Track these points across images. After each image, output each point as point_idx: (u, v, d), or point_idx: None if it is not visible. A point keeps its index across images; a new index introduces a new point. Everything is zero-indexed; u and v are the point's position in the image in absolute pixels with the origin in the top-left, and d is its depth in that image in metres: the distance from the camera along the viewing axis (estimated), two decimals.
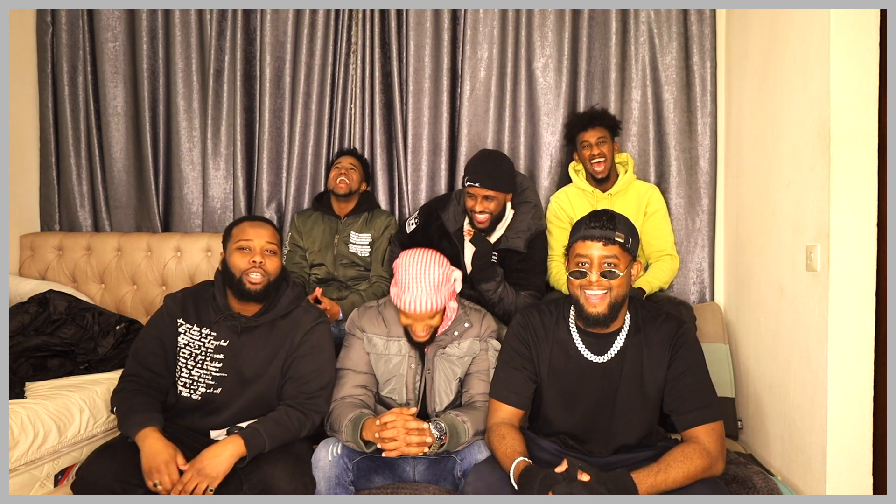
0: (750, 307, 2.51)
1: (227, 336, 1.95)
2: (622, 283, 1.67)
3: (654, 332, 1.75)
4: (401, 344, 2.02)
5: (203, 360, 1.94)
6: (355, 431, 1.81)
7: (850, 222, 1.86)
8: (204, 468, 1.72)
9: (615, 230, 1.65)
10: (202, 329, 1.95)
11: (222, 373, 1.93)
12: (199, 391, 1.93)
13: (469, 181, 2.34)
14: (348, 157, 2.84)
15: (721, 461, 1.62)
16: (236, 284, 1.90)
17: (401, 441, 1.74)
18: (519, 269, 2.45)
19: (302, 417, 1.88)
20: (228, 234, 1.97)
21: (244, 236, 1.92)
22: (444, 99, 2.99)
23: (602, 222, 1.67)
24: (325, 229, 2.80)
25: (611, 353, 1.75)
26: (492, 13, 2.94)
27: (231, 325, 1.95)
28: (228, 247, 1.94)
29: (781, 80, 2.21)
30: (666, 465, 1.55)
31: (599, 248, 1.65)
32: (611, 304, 1.67)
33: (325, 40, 3.04)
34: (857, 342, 1.87)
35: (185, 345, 1.95)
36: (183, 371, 1.95)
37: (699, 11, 2.82)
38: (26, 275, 3.04)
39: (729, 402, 2.52)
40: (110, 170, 3.19)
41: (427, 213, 2.58)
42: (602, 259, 1.65)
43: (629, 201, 2.66)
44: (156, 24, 3.13)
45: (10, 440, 1.88)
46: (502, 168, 2.40)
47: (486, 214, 2.36)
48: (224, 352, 1.94)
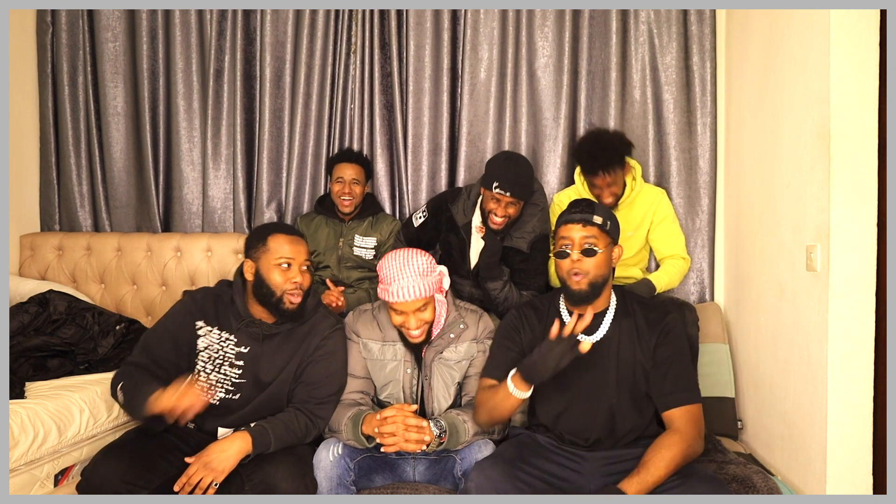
0: (750, 307, 2.51)
1: (247, 343, 1.93)
2: (601, 262, 1.78)
3: (642, 318, 1.84)
4: (396, 349, 2.01)
5: (222, 365, 1.92)
6: (356, 427, 1.81)
7: (850, 222, 1.86)
8: (210, 462, 1.72)
9: (593, 213, 1.80)
10: (222, 333, 1.93)
11: (241, 379, 1.92)
12: (217, 396, 1.92)
13: (499, 189, 2.27)
14: (350, 167, 2.73)
15: (699, 441, 1.71)
16: (274, 303, 1.87)
17: (400, 437, 1.74)
18: (520, 268, 2.46)
19: (309, 424, 1.89)
20: (261, 242, 1.90)
21: (285, 254, 1.87)
22: (444, 99, 2.99)
23: (581, 207, 1.83)
24: (328, 232, 2.79)
25: (600, 332, 1.83)
26: (492, 13, 2.94)
27: (252, 332, 1.93)
28: (263, 258, 1.88)
29: (781, 80, 2.21)
30: (646, 464, 1.63)
31: (579, 229, 1.79)
32: (591, 282, 1.78)
33: (325, 40, 3.04)
34: (857, 342, 1.87)
35: (205, 347, 1.93)
36: (201, 374, 1.92)
37: (699, 11, 2.82)
38: (26, 275, 3.04)
39: (729, 402, 2.52)
40: (110, 170, 3.18)
41: (436, 205, 2.58)
42: (583, 239, 1.78)
43: (636, 210, 2.65)
44: (156, 24, 3.13)
45: (10, 440, 1.88)
46: (529, 175, 2.37)
47: (506, 218, 2.35)
48: (244, 358, 1.92)
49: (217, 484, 1.72)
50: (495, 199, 2.33)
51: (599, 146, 2.48)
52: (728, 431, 2.46)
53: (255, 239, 1.93)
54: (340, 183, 2.72)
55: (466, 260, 2.50)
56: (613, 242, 1.84)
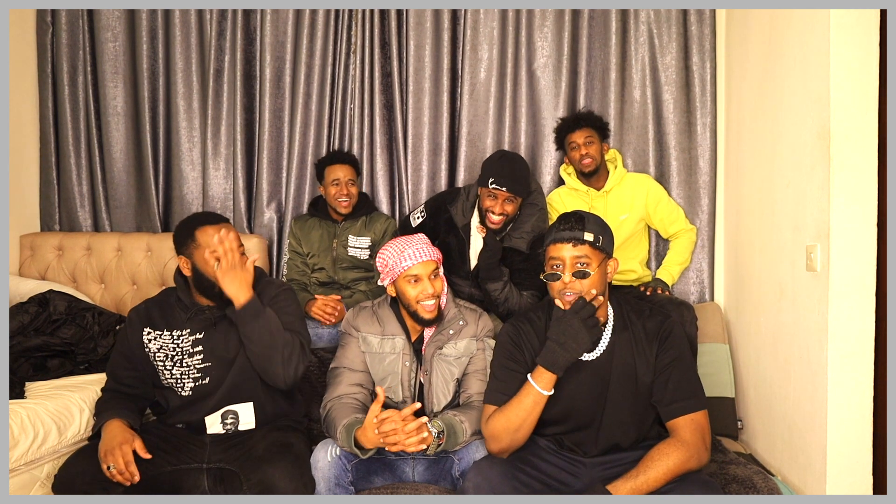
0: (750, 307, 2.51)
1: (200, 329, 1.96)
2: (595, 282, 1.70)
3: (641, 328, 1.78)
4: (395, 342, 2.03)
5: (181, 359, 1.95)
6: (349, 437, 1.79)
7: (850, 222, 1.86)
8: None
9: (584, 230, 1.70)
10: (172, 332, 1.96)
11: (206, 363, 1.95)
12: (188, 386, 1.95)
13: (495, 184, 2.31)
14: (343, 168, 2.72)
15: (703, 452, 1.64)
16: (217, 293, 1.88)
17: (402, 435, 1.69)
18: (520, 269, 2.46)
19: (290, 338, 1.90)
20: (190, 239, 1.90)
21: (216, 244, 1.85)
22: (444, 99, 2.99)
23: (570, 224, 1.71)
24: (322, 234, 2.79)
25: (599, 349, 1.77)
26: (492, 13, 2.94)
27: (203, 318, 1.96)
28: (196, 254, 1.88)
29: (781, 80, 2.21)
30: (645, 467, 1.59)
31: (570, 248, 1.69)
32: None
33: (325, 40, 3.04)
34: (857, 342, 1.86)
35: (158, 350, 1.96)
36: (164, 374, 1.96)
37: (699, 11, 2.82)
38: (26, 275, 3.04)
39: (729, 402, 2.52)
40: (110, 170, 3.18)
41: (435, 206, 2.59)
42: (574, 260, 1.69)
43: (624, 196, 2.68)
44: (156, 24, 3.13)
45: (10, 440, 1.89)
46: (525, 172, 2.41)
47: (503, 216, 2.36)
48: (202, 344, 1.95)
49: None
50: (492, 197, 2.34)
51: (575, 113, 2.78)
52: (728, 431, 2.46)
53: (182, 236, 1.92)
54: (337, 185, 2.71)
55: (466, 261, 2.51)
56: (608, 257, 1.76)
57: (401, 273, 1.94)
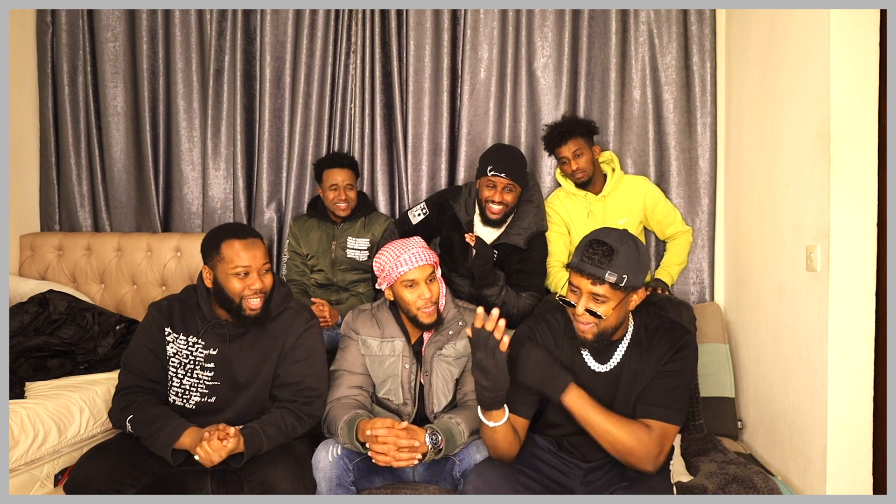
0: (750, 307, 2.51)
1: (215, 344, 1.92)
2: (613, 316, 1.64)
3: (657, 342, 1.74)
4: (395, 345, 2.02)
5: (193, 369, 1.92)
6: (350, 433, 1.81)
7: (850, 222, 1.86)
8: (202, 454, 1.74)
9: (608, 269, 1.58)
10: (189, 338, 1.93)
11: (215, 381, 1.92)
12: (192, 400, 1.92)
13: (493, 171, 2.35)
14: (341, 172, 2.70)
15: (651, 462, 1.62)
16: (235, 309, 1.85)
17: (391, 457, 1.74)
18: (518, 269, 2.45)
19: (296, 424, 1.88)
20: (215, 251, 1.84)
21: (241, 262, 1.81)
22: (444, 99, 2.99)
23: (597, 258, 1.59)
24: (321, 235, 2.78)
25: (612, 362, 1.76)
26: (492, 13, 2.94)
27: (219, 333, 1.92)
28: (219, 267, 1.84)
29: (781, 80, 2.21)
30: (611, 415, 1.62)
31: (588, 284, 1.61)
32: (598, 333, 1.66)
33: (325, 40, 3.04)
34: (857, 342, 1.87)
35: (174, 354, 1.93)
36: (174, 381, 1.93)
37: (699, 11, 2.82)
38: (26, 275, 3.04)
39: (729, 402, 2.52)
40: (110, 170, 3.18)
41: (438, 203, 2.59)
42: (591, 295, 1.62)
43: (622, 199, 2.68)
44: (156, 24, 3.13)
45: (10, 440, 1.89)
46: (522, 161, 2.48)
47: (503, 206, 2.37)
48: (214, 360, 1.91)
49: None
50: (491, 186, 2.36)
51: (559, 122, 2.70)
52: (728, 431, 2.46)
53: (209, 246, 1.86)
54: (335, 190, 2.70)
55: (468, 258, 2.51)
56: (633, 290, 1.66)
57: (397, 278, 1.94)
